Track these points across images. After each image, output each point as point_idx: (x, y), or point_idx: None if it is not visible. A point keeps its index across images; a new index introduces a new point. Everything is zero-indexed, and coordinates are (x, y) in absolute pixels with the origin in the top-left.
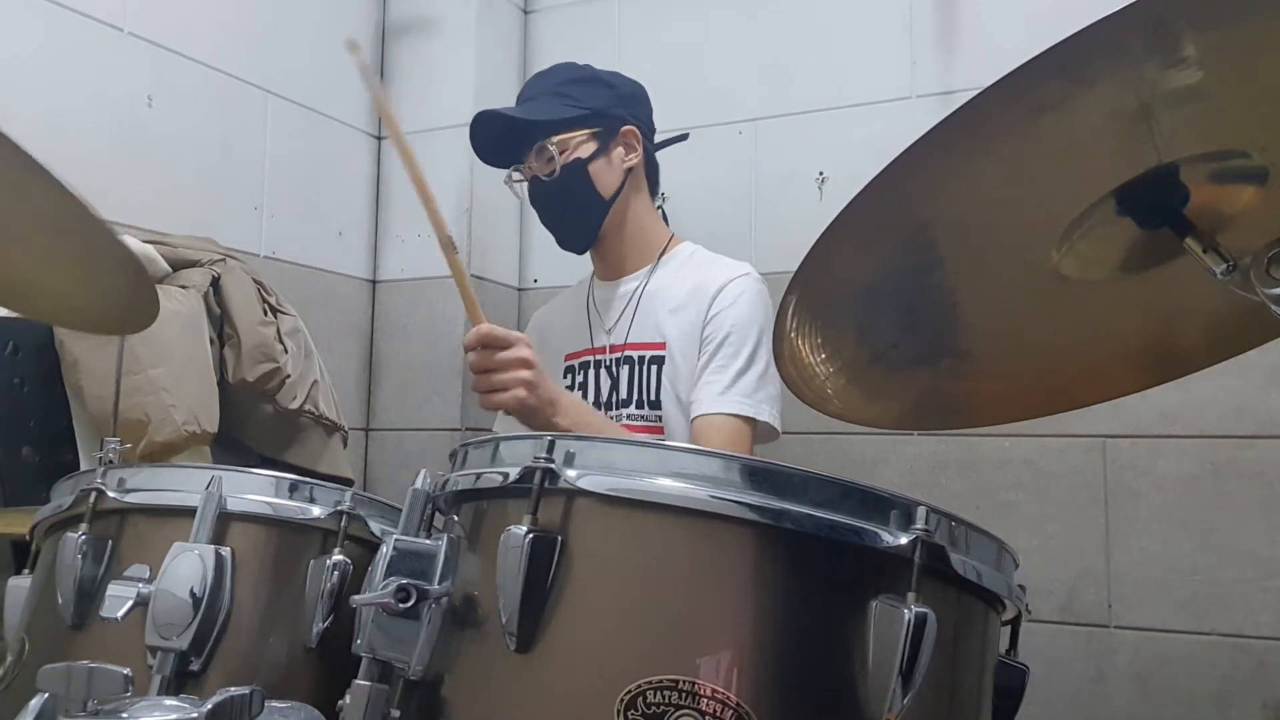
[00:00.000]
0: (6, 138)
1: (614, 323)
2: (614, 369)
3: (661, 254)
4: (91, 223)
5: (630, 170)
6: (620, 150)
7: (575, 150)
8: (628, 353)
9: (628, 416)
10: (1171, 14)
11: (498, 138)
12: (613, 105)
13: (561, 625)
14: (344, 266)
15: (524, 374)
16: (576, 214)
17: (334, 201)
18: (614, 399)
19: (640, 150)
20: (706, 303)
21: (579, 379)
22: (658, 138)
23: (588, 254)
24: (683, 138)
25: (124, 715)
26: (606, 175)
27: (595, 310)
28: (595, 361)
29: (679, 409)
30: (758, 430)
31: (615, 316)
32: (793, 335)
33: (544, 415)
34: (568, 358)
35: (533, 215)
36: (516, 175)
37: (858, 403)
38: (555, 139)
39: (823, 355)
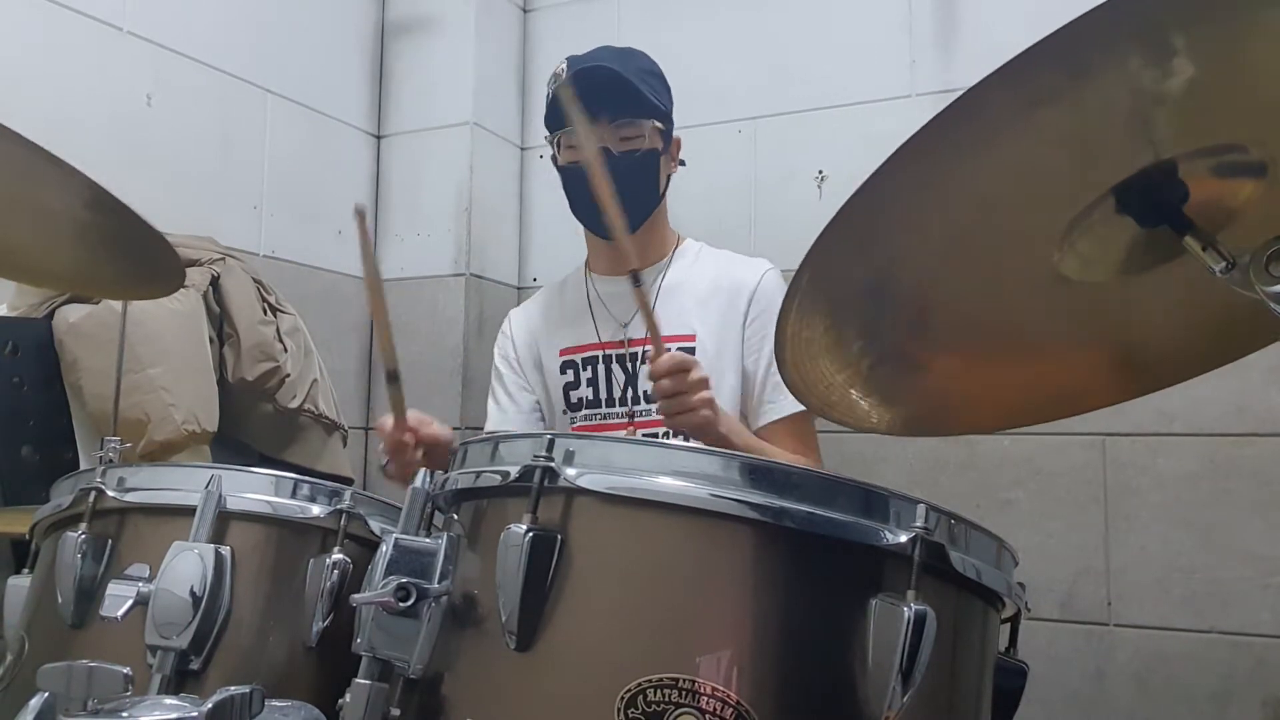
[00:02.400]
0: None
1: (631, 316)
2: (631, 363)
3: (674, 250)
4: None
5: (669, 177)
6: (669, 156)
7: (653, 141)
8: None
9: (642, 413)
10: (1165, 8)
11: (595, 93)
12: (672, 112)
13: (561, 624)
14: (344, 265)
15: (707, 394)
16: (634, 200)
17: (334, 201)
18: (628, 394)
19: (676, 161)
20: (745, 300)
21: (586, 375)
22: None
23: (584, 255)
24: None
25: (124, 714)
26: (663, 174)
27: (601, 304)
28: (605, 355)
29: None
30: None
31: (632, 310)
32: (792, 334)
33: (716, 429)
34: (564, 352)
35: (532, 213)
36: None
37: (858, 405)
38: (653, 122)
39: (824, 358)
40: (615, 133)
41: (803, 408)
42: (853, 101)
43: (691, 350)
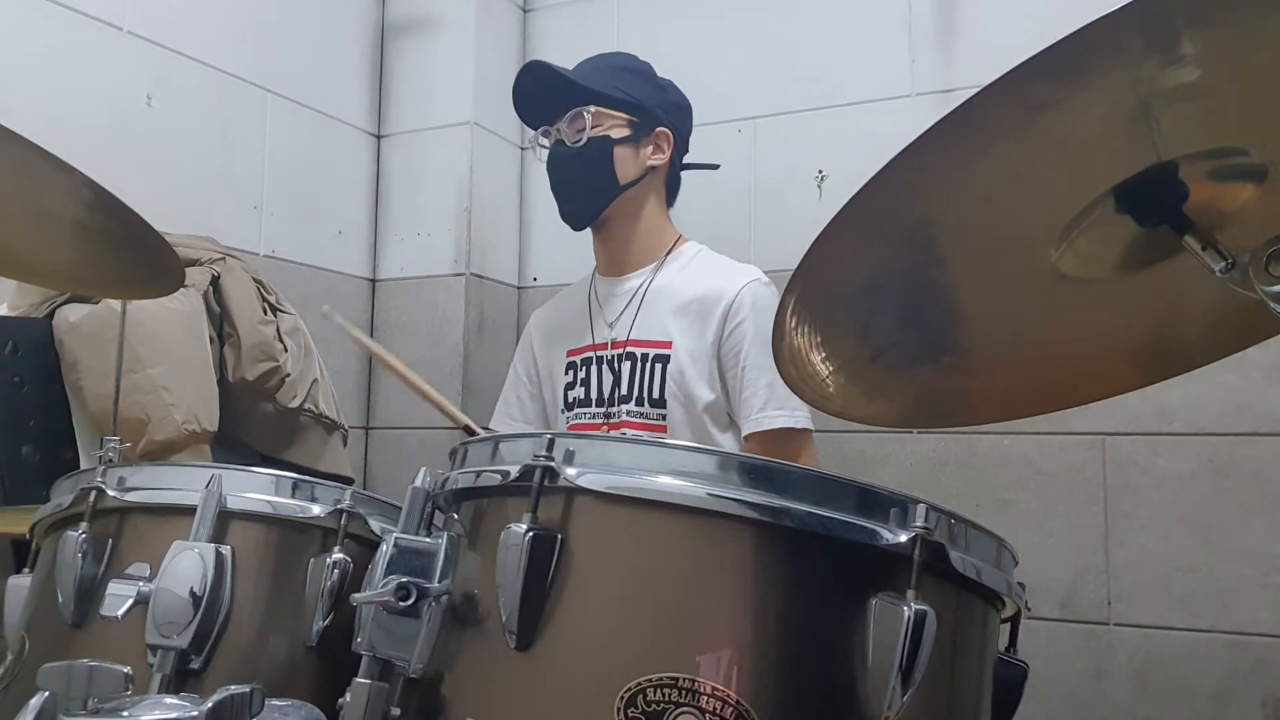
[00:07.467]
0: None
1: (616, 317)
2: (615, 364)
3: (668, 253)
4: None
5: (653, 169)
6: (649, 148)
7: (608, 128)
8: (630, 349)
9: (628, 413)
10: (1170, 12)
11: (540, 93)
12: (657, 105)
13: (561, 623)
14: (344, 265)
15: None
16: (587, 188)
17: (334, 200)
18: (615, 395)
19: (667, 155)
20: (720, 314)
21: (581, 375)
22: (688, 159)
23: (590, 253)
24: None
25: (124, 714)
26: (629, 163)
27: (598, 305)
28: (597, 357)
29: (684, 409)
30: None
31: (618, 311)
32: (792, 334)
33: None
34: (569, 353)
35: (532, 213)
36: (544, 139)
37: (857, 401)
38: (594, 109)
39: (822, 354)
40: (568, 126)
41: (794, 424)
42: (853, 101)
43: (666, 359)
